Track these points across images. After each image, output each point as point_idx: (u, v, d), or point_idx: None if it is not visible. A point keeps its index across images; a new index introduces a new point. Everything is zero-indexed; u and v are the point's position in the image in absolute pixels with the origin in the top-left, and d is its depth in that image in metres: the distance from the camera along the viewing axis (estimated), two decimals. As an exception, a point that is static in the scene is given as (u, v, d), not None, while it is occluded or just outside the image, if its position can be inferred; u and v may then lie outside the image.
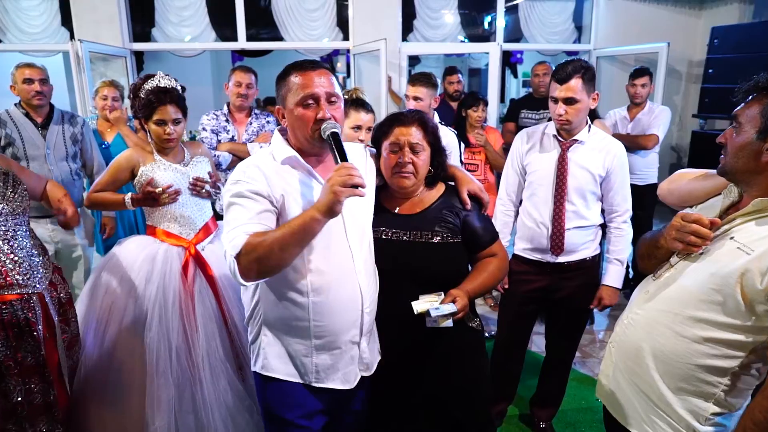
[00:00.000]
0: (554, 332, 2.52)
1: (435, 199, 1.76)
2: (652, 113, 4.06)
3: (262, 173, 1.45)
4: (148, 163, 2.30)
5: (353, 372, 1.62)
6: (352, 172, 1.29)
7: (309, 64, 1.50)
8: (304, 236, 1.34)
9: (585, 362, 3.29)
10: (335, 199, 1.28)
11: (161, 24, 5.40)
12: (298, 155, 1.50)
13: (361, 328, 1.58)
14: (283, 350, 1.57)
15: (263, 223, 1.40)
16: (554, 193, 2.25)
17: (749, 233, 1.23)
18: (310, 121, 1.45)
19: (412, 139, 1.67)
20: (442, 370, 1.74)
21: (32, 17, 5.15)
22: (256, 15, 5.67)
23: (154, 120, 2.24)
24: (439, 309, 1.51)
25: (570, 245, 2.27)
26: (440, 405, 1.77)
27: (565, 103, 2.13)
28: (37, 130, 3.10)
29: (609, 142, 2.25)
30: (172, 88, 2.26)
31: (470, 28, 6.34)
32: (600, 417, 1.62)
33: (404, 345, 1.72)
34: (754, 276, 1.16)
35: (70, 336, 2.03)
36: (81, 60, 4.45)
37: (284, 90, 1.50)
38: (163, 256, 2.25)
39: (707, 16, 5.79)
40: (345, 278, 1.52)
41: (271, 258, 1.32)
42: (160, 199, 2.25)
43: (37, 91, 3.04)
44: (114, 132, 3.56)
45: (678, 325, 1.31)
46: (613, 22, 5.86)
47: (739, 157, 1.27)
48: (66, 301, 2.04)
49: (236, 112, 3.39)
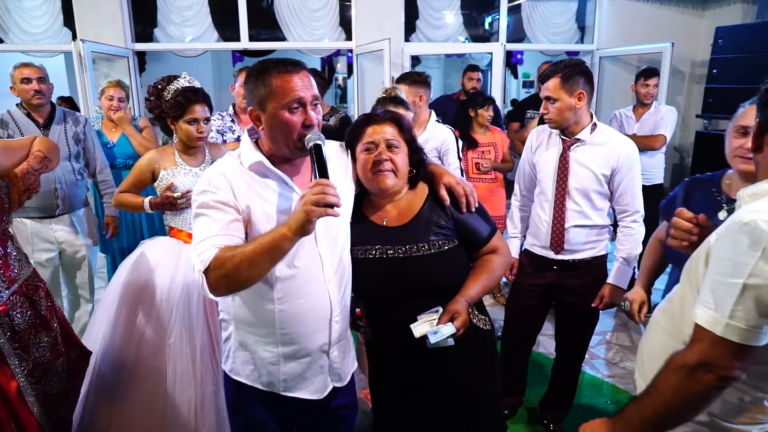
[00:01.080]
0: (563, 333, 2.51)
1: (422, 203, 1.67)
2: (658, 113, 4.05)
3: (227, 181, 1.39)
4: (169, 167, 2.33)
5: (323, 382, 1.58)
6: (326, 191, 1.22)
7: (291, 64, 1.40)
8: (273, 254, 1.27)
9: (593, 363, 3.27)
10: (306, 218, 1.22)
11: (163, 24, 5.38)
12: (266, 161, 1.41)
13: (330, 338, 1.54)
14: (252, 357, 1.53)
15: (232, 233, 1.34)
16: (555, 191, 2.27)
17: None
18: (296, 127, 1.37)
19: (387, 136, 1.59)
20: (449, 372, 1.70)
21: (34, 17, 5.13)
22: (259, 15, 5.65)
23: (186, 119, 2.27)
24: (438, 332, 1.45)
25: (572, 244, 2.28)
26: (447, 407, 1.73)
27: (547, 101, 2.21)
28: (39, 130, 3.08)
29: (616, 142, 2.23)
30: (200, 88, 2.32)
31: (472, 28, 6.32)
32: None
33: (404, 354, 1.66)
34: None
35: (33, 364, 1.85)
36: (84, 60, 4.43)
37: (262, 92, 1.37)
38: (186, 257, 2.26)
39: (710, 17, 5.78)
40: (313, 286, 1.47)
41: (240, 274, 1.27)
42: (178, 204, 2.27)
43: (36, 90, 3.02)
44: (118, 132, 3.54)
45: (668, 322, 1.31)
46: (615, 23, 5.85)
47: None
48: (24, 329, 1.84)
49: (242, 112, 3.37)
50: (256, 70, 1.41)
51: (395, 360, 1.71)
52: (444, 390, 1.71)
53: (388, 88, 2.79)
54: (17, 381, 1.81)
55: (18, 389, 1.82)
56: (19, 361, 1.81)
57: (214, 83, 8.56)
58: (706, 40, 5.51)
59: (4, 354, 1.78)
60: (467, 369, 1.72)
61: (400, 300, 1.60)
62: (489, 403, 1.82)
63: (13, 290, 1.82)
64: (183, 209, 2.31)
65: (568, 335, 2.49)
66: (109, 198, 3.34)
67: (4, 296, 1.79)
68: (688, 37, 5.74)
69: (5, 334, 1.78)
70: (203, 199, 1.37)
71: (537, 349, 3.44)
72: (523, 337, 2.56)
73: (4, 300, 1.79)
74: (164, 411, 2.08)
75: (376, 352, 1.77)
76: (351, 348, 1.69)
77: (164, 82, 2.30)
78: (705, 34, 5.66)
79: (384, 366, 1.75)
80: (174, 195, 2.27)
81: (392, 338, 1.65)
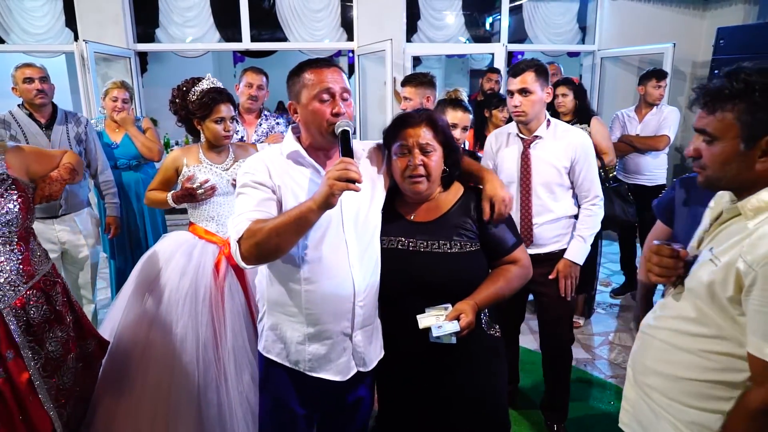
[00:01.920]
0: (543, 326, 2.60)
1: (453, 204, 1.69)
2: (661, 114, 4.05)
3: (265, 165, 1.55)
4: (192, 165, 2.39)
5: (347, 365, 1.64)
6: (348, 167, 1.33)
7: (323, 61, 1.56)
8: (300, 225, 1.39)
9: (596, 364, 3.27)
10: (329, 191, 1.33)
11: (165, 24, 5.38)
12: (301, 150, 1.57)
13: (353, 321, 1.60)
14: (281, 335, 1.64)
15: (265, 210, 1.48)
16: (520, 188, 2.37)
17: (722, 241, 1.20)
18: (325, 116, 1.50)
19: (421, 140, 1.61)
20: (456, 377, 1.70)
21: (36, 18, 5.11)
22: (260, 16, 5.65)
23: (213, 119, 2.33)
24: (442, 327, 1.47)
25: (540, 239, 2.38)
26: (453, 412, 1.73)
27: (520, 95, 2.29)
28: (41, 130, 3.09)
29: (571, 134, 2.36)
30: (224, 89, 2.39)
31: (474, 28, 6.32)
32: (613, 420, 1.59)
33: (418, 354, 1.67)
34: (719, 287, 1.14)
35: (45, 359, 1.92)
36: (86, 61, 4.43)
37: (298, 86, 1.54)
38: (199, 251, 2.33)
39: (711, 17, 5.78)
40: (338, 270, 1.56)
41: (269, 244, 1.40)
42: (197, 195, 2.33)
43: (39, 89, 3.03)
44: (122, 133, 3.54)
45: (679, 341, 1.27)
46: (617, 23, 5.85)
47: (726, 170, 1.19)
48: (38, 323, 1.91)
49: (246, 113, 3.37)
50: (295, 69, 1.57)
51: (404, 359, 1.71)
52: (450, 394, 1.71)
53: (450, 90, 2.82)
54: (29, 373, 1.87)
55: (29, 381, 1.87)
56: (32, 354, 1.89)
57: (215, 84, 8.56)
58: (707, 41, 5.51)
59: (18, 346, 1.86)
60: (475, 374, 1.72)
61: (414, 295, 1.61)
62: (495, 410, 1.81)
63: (31, 285, 1.92)
64: (203, 200, 2.37)
65: (545, 328, 2.57)
66: (110, 198, 3.34)
67: (21, 291, 1.88)
68: (690, 38, 5.73)
69: (20, 327, 1.86)
70: (244, 180, 1.54)
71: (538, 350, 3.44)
72: (506, 326, 2.55)
73: (21, 294, 1.88)
74: (169, 400, 2.12)
75: (391, 348, 1.76)
76: (378, 336, 1.73)
77: (189, 84, 2.38)
78: (706, 34, 5.66)
79: (393, 364, 1.75)
80: (193, 186, 2.33)
81: (404, 335, 1.65)
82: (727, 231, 1.22)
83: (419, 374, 1.71)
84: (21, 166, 1.98)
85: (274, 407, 1.73)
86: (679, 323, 1.28)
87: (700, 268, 1.22)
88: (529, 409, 2.81)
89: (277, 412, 1.73)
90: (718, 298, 1.15)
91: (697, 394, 1.24)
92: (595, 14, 5.95)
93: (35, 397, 1.88)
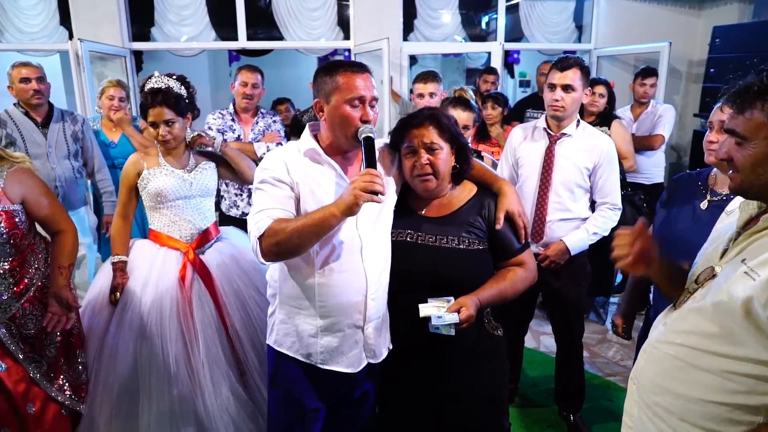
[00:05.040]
0: (555, 328, 2.61)
1: (464, 202, 1.71)
2: (656, 113, 4.06)
3: (283, 162, 1.58)
4: (152, 167, 2.27)
5: (358, 357, 1.67)
6: (375, 180, 1.38)
7: (358, 66, 1.59)
8: (321, 229, 1.44)
9: (594, 362, 3.28)
10: (354, 201, 1.38)
11: (161, 23, 5.34)
12: (318, 148, 1.60)
13: (365, 314, 1.63)
14: (293, 329, 1.66)
15: (285, 208, 1.53)
16: (539, 183, 2.36)
17: (759, 253, 1.09)
18: (354, 121, 1.53)
19: (425, 139, 1.64)
20: (456, 376, 1.71)
21: (30, 16, 5.07)
22: (256, 14, 5.62)
23: (149, 121, 2.24)
24: (442, 318, 1.49)
25: (552, 237, 2.37)
26: (453, 411, 1.73)
27: (563, 90, 2.27)
28: (37, 128, 3.07)
29: (598, 138, 2.36)
30: (166, 89, 2.21)
31: (470, 27, 6.32)
32: (611, 418, 1.57)
33: (419, 348, 1.68)
34: (759, 304, 1.03)
35: (46, 367, 1.95)
36: (81, 60, 4.40)
37: (329, 86, 1.55)
38: (161, 260, 2.24)
39: (707, 16, 5.79)
40: (351, 263, 1.59)
41: (290, 244, 1.46)
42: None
43: (35, 89, 3.02)
44: (119, 132, 3.52)
45: (698, 360, 1.15)
46: (613, 22, 5.85)
47: (759, 173, 1.10)
48: (34, 334, 1.92)
49: (242, 111, 3.35)
50: (326, 67, 1.59)
51: (405, 353, 1.72)
52: (450, 391, 1.72)
53: (456, 88, 2.84)
54: (31, 379, 1.88)
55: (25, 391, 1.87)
56: (33, 365, 1.89)
57: (210, 82, 8.52)
58: (703, 40, 5.53)
59: (17, 359, 1.87)
60: (475, 372, 1.73)
61: (419, 287, 1.62)
62: (495, 409, 1.82)
63: (23, 301, 1.89)
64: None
65: (558, 329, 2.59)
66: (107, 197, 3.32)
67: (13, 308, 1.87)
68: (686, 37, 5.75)
69: (16, 342, 1.86)
70: (262, 176, 1.57)
71: (539, 348, 3.45)
72: (513, 325, 2.55)
73: (13, 312, 1.87)
74: (140, 421, 2.05)
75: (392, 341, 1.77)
76: (387, 328, 1.74)
77: (145, 80, 2.28)
78: (702, 33, 5.67)
79: (395, 357, 1.76)
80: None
81: (405, 327, 1.66)
82: (765, 241, 1.10)
83: (419, 370, 1.72)
84: (18, 192, 1.88)
85: (284, 401, 1.74)
86: (697, 340, 1.17)
87: (732, 282, 1.10)
88: (528, 407, 2.82)
89: (287, 406, 1.73)
90: (755, 315, 1.04)
91: (717, 417, 1.13)
92: (591, 13, 5.96)
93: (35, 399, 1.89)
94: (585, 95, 2.32)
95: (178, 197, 2.26)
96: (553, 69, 2.33)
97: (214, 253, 2.33)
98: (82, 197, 3.20)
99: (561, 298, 2.47)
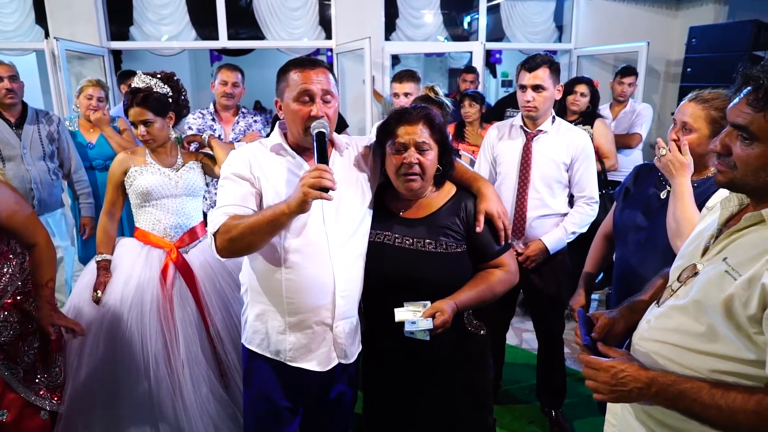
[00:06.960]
0: (536, 324, 2.63)
1: (443, 203, 1.68)
2: (634, 111, 4.12)
3: (246, 158, 1.59)
4: (139, 165, 2.27)
5: (328, 355, 1.65)
6: (324, 176, 1.35)
7: (309, 62, 1.57)
8: (273, 226, 1.45)
9: (575, 358, 3.30)
10: (303, 198, 1.37)
11: (140, 22, 5.28)
12: (284, 142, 1.61)
13: (333, 312, 1.60)
14: (263, 326, 1.65)
15: (243, 205, 1.53)
16: (518, 180, 2.38)
17: (740, 252, 1.07)
18: (303, 117, 1.52)
19: (418, 138, 1.59)
20: (439, 377, 1.70)
21: (4, 15, 4.97)
22: (237, 14, 5.58)
23: (129, 120, 2.25)
24: (416, 323, 1.48)
25: (533, 235, 2.39)
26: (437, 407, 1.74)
27: (534, 90, 2.29)
28: (11, 129, 3.01)
29: (573, 133, 2.39)
30: (146, 89, 2.19)
31: (452, 27, 6.34)
32: (593, 413, 1.58)
33: (400, 350, 1.66)
34: (740, 303, 1.01)
35: (23, 374, 1.89)
36: (57, 59, 4.32)
37: (283, 84, 1.58)
38: (144, 258, 2.23)
39: (684, 17, 5.89)
40: (318, 259, 1.57)
41: (243, 240, 1.47)
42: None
43: (8, 88, 2.95)
44: (96, 132, 3.46)
45: (681, 357, 1.14)
46: (593, 22, 5.93)
47: (759, 176, 1.06)
48: (10, 341, 1.85)
49: (222, 110, 3.33)
50: (283, 67, 1.60)
51: (383, 355, 1.72)
52: (434, 390, 1.72)
53: (428, 85, 2.82)
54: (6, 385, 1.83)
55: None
56: (8, 372, 1.83)
57: (191, 82, 8.45)
58: (680, 40, 5.62)
59: None
60: (460, 372, 1.72)
61: (395, 290, 1.60)
62: (479, 408, 1.82)
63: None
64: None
65: (539, 326, 2.61)
66: (85, 198, 3.27)
67: None
68: (663, 37, 5.84)
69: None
70: (224, 172, 1.59)
71: (520, 345, 3.48)
72: (495, 323, 2.55)
73: None
74: (119, 420, 2.05)
75: (371, 344, 1.76)
76: (358, 330, 1.73)
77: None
78: (679, 33, 5.77)
79: (377, 360, 1.76)
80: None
81: (381, 330, 1.66)
82: (746, 240, 1.08)
83: (401, 372, 1.71)
84: None
85: (257, 400, 1.72)
86: (681, 338, 1.15)
87: (713, 281, 1.08)
88: (510, 403, 2.84)
89: (260, 405, 1.72)
90: (736, 315, 1.03)
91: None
92: (571, 13, 6.03)
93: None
94: (558, 91, 2.33)
95: (164, 195, 2.26)
96: (522, 70, 2.33)
97: (198, 253, 2.33)
98: (58, 199, 3.15)
99: (541, 296, 2.49)
